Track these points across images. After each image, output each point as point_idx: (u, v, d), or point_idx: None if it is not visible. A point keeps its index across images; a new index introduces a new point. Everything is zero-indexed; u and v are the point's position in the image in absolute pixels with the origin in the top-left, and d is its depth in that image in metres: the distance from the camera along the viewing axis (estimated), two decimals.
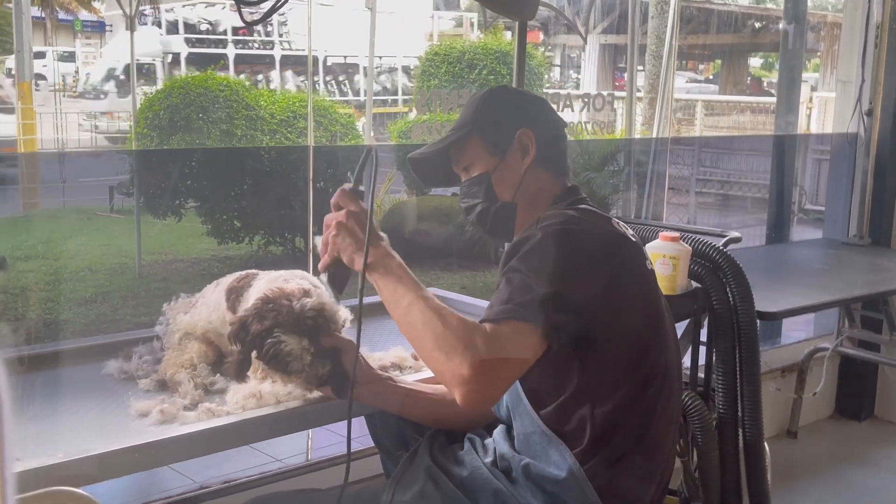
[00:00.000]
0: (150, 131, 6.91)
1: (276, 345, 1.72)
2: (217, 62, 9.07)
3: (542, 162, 1.85)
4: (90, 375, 1.97)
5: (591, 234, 1.70)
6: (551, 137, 1.90)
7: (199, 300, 2.06)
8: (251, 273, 2.00)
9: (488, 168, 1.85)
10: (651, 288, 1.78)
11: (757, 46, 20.69)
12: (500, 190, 1.85)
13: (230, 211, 7.22)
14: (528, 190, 1.84)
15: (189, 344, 1.96)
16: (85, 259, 7.38)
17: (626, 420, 1.70)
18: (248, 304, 1.90)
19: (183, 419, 1.72)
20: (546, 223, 1.67)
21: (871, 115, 4.13)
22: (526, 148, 1.84)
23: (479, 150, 1.87)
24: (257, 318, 1.75)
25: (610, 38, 14.87)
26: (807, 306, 3.10)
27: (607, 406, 1.67)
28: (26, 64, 8.01)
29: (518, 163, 1.84)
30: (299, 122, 7.19)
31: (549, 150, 1.87)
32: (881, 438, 4.17)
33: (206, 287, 2.06)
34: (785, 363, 4.08)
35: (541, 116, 1.92)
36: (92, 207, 8.81)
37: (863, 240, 4.15)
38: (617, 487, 1.68)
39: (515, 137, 1.84)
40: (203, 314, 2.00)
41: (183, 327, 1.99)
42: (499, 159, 1.85)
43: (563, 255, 1.63)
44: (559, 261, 1.62)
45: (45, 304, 6.33)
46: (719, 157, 12.03)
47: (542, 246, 1.63)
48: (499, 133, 1.86)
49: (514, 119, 1.87)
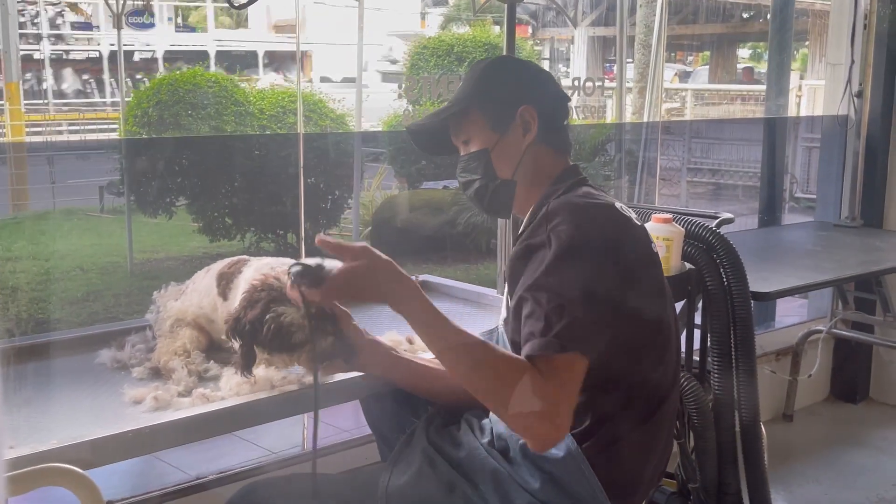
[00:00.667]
0: (140, 129, 6.88)
1: (275, 319, 1.69)
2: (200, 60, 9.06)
3: (544, 139, 1.82)
4: (83, 365, 1.96)
5: (603, 233, 1.65)
6: (554, 114, 1.86)
7: (189, 287, 2.05)
8: (242, 259, 1.99)
9: (488, 144, 1.82)
10: (659, 271, 1.77)
11: (746, 36, 20.72)
12: (500, 167, 1.82)
13: (221, 208, 7.19)
14: (529, 167, 1.81)
15: (181, 330, 1.95)
16: (76, 259, 7.34)
17: (628, 403, 1.70)
18: (239, 291, 1.89)
19: (177, 406, 1.71)
20: (555, 224, 1.62)
21: (861, 97, 4.13)
22: (528, 125, 1.80)
23: (478, 125, 1.83)
24: (249, 306, 1.74)
25: (598, 30, 14.86)
26: (800, 286, 3.10)
27: (612, 391, 1.67)
28: (14, 64, 7.96)
29: (519, 140, 1.81)
30: (289, 118, 7.16)
31: (551, 127, 1.83)
32: (877, 420, 4.18)
33: (197, 273, 2.05)
34: (779, 346, 4.09)
35: (544, 91, 1.88)
36: (82, 208, 8.77)
37: (855, 221, 4.16)
38: (615, 467, 1.68)
39: (517, 114, 1.80)
40: (194, 300, 1.99)
41: (174, 314, 1.98)
42: (499, 136, 1.81)
43: (585, 266, 1.58)
44: (583, 273, 1.57)
45: (37, 303, 6.30)
46: (710, 147, 12.05)
47: (563, 259, 1.58)
48: (500, 108, 1.81)
49: (517, 94, 1.82)
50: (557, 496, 1.65)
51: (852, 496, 3.44)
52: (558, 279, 1.56)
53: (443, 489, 1.72)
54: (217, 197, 7.19)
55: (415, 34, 10.27)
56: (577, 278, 1.57)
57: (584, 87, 4.72)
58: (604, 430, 1.67)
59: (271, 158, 6.99)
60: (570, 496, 1.65)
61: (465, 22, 12.69)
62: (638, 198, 7.19)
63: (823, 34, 5.80)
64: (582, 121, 5.34)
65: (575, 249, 1.59)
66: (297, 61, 6.81)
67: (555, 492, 1.65)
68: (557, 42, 15.62)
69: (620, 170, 7.51)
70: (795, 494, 3.44)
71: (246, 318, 1.72)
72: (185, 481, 2.53)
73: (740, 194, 11.36)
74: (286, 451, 3.26)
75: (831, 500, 3.42)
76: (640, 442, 1.72)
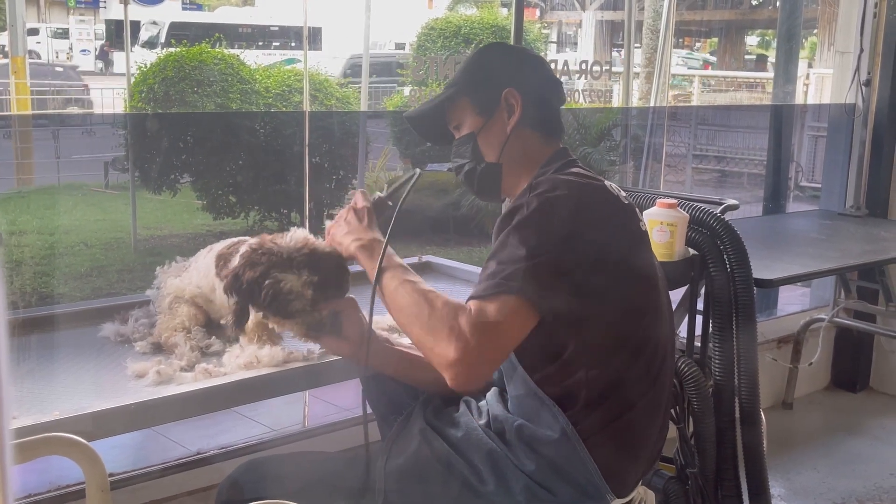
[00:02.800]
0: (145, 105, 6.87)
1: (274, 285, 1.71)
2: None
3: (530, 122, 1.83)
4: (86, 338, 1.97)
5: (582, 199, 1.67)
6: (541, 97, 1.87)
7: (191, 264, 2.05)
8: (242, 240, 1.98)
9: (474, 128, 1.85)
10: (645, 251, 1.77)
11: (754, 23, 20.62)
12: (486, 150, 1.84)
13: (225, 186, 7.20)
14: (515, 150, 1.83)
15: (179, 308, 1.95)
16: (80, 234, 7.36)
17: (620, 384, 1.70)
18: None
19: (180, 380, 1.72)
20: (537, 191, 1.65)
21: (870, 86, 4.11)
22: (512, 108, 1.82)
23: (467, 110, 1.86)
24: (249, 265, 1.75)
25: (607, 14, 14.81)
26: (803, 274, 3.09)
27: (601, 371, 1.67)
28: (19, 38, 7.94)
29: (504, 123, 1.83)
30: (294, 97, 7.15)
31: (537, 111, 1.84)
32: (876, 409, 4.19)
33: (200, 252, 2.05)
34: (781, 334, 4.09)
35: (531, 75, 1.89)
36: (87, 183, 8.78)
37: (859, 210, 4.14)
38: (610, 448, 1.68)
39: (502, 97, 1.82)
40: (193, 279, 1.99)
41: (172, 291, 1.99)
42: (485, 119, 1.84)
43: (554, 222, 1.61)
44: (549, 229, 1.60)
45: (41, 278, 6.31)
46: (716, 134, 12.01)
47: (532, 216, 1.61)
48: (486, 92, 1.84)
49: (502, 78, 1.84)
50: (553, 478, 1.67)
51: (850, 484, 3.45)
52: (523, 235, 1.59)
53: (440, 468, 1.73)
54: (221, 175, 7.19)
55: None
56: (542, 234, 1.59)
57: (591, 70, 4.71)
58: (598, 411, 1.67)
59: (276, 137, 6.99)
60: (566, 478, 1.66)
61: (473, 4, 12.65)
62: (643, 183, 7.18)
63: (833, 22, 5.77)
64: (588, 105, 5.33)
65: (547, 207, 1.62)
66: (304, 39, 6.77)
67: (550, 473, 1.66)
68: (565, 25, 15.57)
69: (626, 155, 7.50)
70: (794, 482, 3.45)
71: (244, 278, 1.73)
72: (186, 456, 2.55)
73: (745, 182, 11.33)
74: (287, 428, 3.28)
75: (829, 487, 3.43)
76: (634, 423, 1.73)
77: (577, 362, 1.65)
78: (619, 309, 1.68)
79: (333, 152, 7.17)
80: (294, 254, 1.74)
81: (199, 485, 2.44)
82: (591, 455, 1.65)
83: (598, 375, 1.67)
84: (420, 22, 9.48)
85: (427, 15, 11.32)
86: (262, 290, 1.71)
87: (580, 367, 1.65)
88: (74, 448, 1.43)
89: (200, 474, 2.46)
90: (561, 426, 1.65)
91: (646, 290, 1.75)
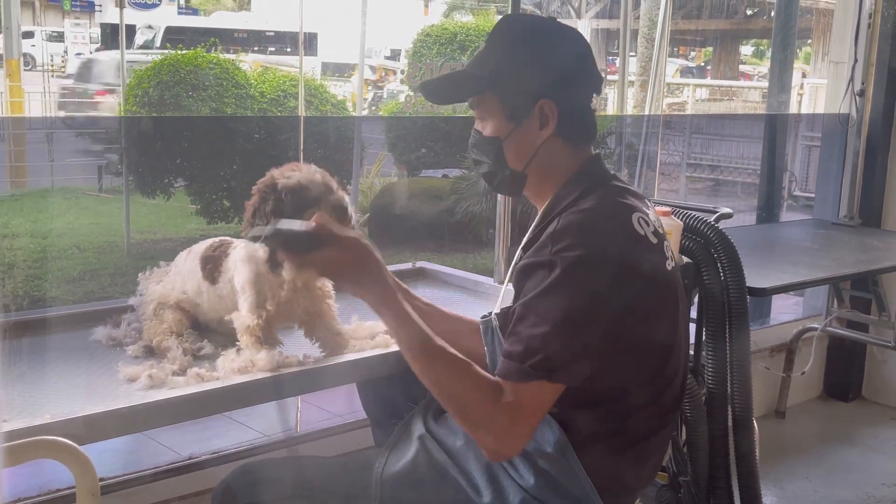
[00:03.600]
0: (140, 108, 6.86)
1: (286, 186, 1.74)
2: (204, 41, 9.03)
3: (562, 134, 1.69)
4: (78, 342, 1.96)
5: (608, 257, 1.55)
6: (579, 107, 1.72)
7: (172, 269, 2.04)
8: (226, 241, 1.97)
9: (501, 133, 1.70)
10: (672, 294, 1.68)
11: (749, 33, 20.70)
12: (511, 158, 1.71)
13: (220, 190, 7.19)
14: (543, 162, 1.70)
15: (164, 313, 1.94)
16: (73, 237, 7.34)
17: (627, 414, 1.66)
18: (228, 274, 1.89)
19: (172, 384, 1.71)
20: (559, 246, 1.54)
21: (864, 96, 4.12)
22: (546, 119, 1.68)
23: (493, 109, 1.71)
24: (260, 198, 1.77)
25: (602, 22, 14.86)
26: (797, 283, 3.10)
27: (614, 408, 1.64)
28: (14, 41, 7.93)
29: (535, 133, 1.69)
30: (289, 101, 7.15)
31: (572, 123, 1.70)
32: (869, 419, 4.19)
33: (179, 255, 2.03)
34: (774, 343, 4.09)
35: (572, 79, 1.71)
36: (81, 187, 8.77)
37: (853, 220, 4.15)
38: (608, 468, 1.66)
39: (536, 107, 1.67)
40: (177, 283, 1.98)
41: (156, 297, 1.97)
42: (514, 126, 1.69)
43: (578, 290, 1.53)
44: (575, 298, 1.52)
45: (33, 281, 6.30)
46: (710, 143, 12.05)
47: (558, 283, 1.52)
48: (519, 98, 1.68)
49: (539, 84, 1.68)
50: (551, 494, 1.65)
51: (842, 494, 3.45)
52: (550, 305, 1.52)
53: (437, 477, 1.71)
54: (216, 179, 7.19)
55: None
56: (570, 307, 1.52)
57: None
58: (601, 441, 1.65)
59: (271, 142, 6.98)
60: (565, 495, 1.65)
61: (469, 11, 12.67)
62: None
63: (827, 32, 5.79)
64: None
65: (575, 278, 1.53)
66: (301, 44, 6.79)
67: (549, 490, 1.65)
68: None
69: (620, 163, 7.51)
70: (786, 490, 3.45)
71: (266, 212, 1.73)
72: (178, 461, 2.53)
73: (739, 191, 11.36)
74: (279, 433, 3.27)
75: (821, 497, 3.43)
76: (635, 449, 1.70)
77: (588, 402, 1.62)
78: (641, 360, 1.63)
79: (328, 158, 7.16)
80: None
81: (191, 490, 2.43)
82: (592, 478, 1.63)
83: (606, 414, 1.64)
84: (416, 28, 9.49)
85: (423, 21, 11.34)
86: (283, 194, 1.73)
87: (590, 406, 1.62)
88: (65, 452, 1.43)
89: (192, 479, 2.45)
90: (559, 443, 1.62)
91: (671, 335, 1.68)
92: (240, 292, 1.87)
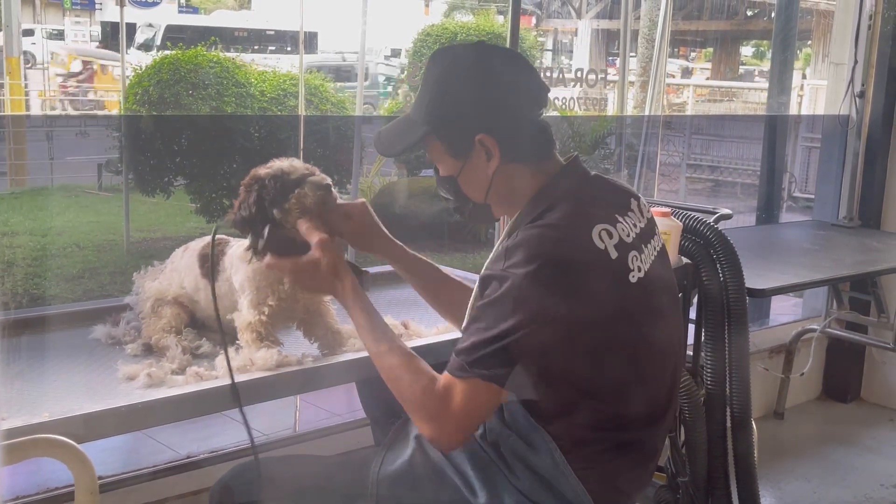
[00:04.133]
0: (140, 107, 6.86)
1: (271, 175, 1.82)
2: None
3: (513, 159, 1.69)
4: (77, 340, 1.96)
5: (557, 271, 1.56)
6: (523, 128, 1.70)
7: (167, 266, 2.03)
8: (223, 240, 1.98)
9: (453, 171, 1.72)
10: (634, 304, 1.65)
11: (749, 34, 20.71)
12: (470, 191, 1.73)
13: (219, 189, 7.18)
14: (500, 190, 1.71)
15: (162, 309, 1.94)
16: (72, 236, 7.34)
17: (615, 426, 1.66)
18: (226, 273, 1.89)
19: (171, 383, 1.71)
20: (512, 261, 1.56)
21: (864, 97, 4.12)
22: (489, 152, 1.67)
23: (439, 152, 1.73)
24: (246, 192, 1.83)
25: (602, 23, 14.86)
26: (796, 284, 3.10)
27: (595, 414, 1.64)
28: (14, 39, 7.93)
29: (483, 166, 1.69)
30: (290, 101, 7.14)
31: (519, 146, 1.69)
32: (867, 420, 4.19)
33: (175, 252, 2.03)
34: (773, 344, 4.09)
35: (505, 107, 1.69)
36: (80, 185, 8.77)
37: (852, 221, 4.15)
38: (599, 473, 1.66)
39: (475, 142, 1.67)
40: (174, 280, 1.98)
41: (153, 294, 1.97)
42: (462, 163, 1.70)
43: (525, 302, 1.54)
44: (520, 309, 1.54)
45: (32, 279, 6.30)
46: (710, 144, 12.06)
47: (505, 294, 1.55)
48: (457, 136, 1.69)
49: (472, 120, 1.67)
50: (546, 496, 1.65)
51: (841, 494, 3.45)
52: (498, 314, 1.55)
53: (433, 478, 1.72)
54: (215, 178, 7.18)
55: None
56: (515, 318, 1.54)
57: (586, 79, 4.72)
58: (589, 446, 1.65)
59: (271, 141, 6.98)
60: (560, 498, 1.65)
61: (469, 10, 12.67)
62: None
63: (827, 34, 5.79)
64: (583, 112, 5.34)
65: (522, 293, 1.54)
66: (301, 43, 6.79)
67: (544, 492, 1.65)
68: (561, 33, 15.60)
69: (620, 163, 7.51)
70: (784, 491, 3.45)
71: (250, 199, 1.80)
72: (176, 460, 2.53)
73: (739, 192, 11.37)
74: (278, 433, 3.27)
75: (819, 497, 3.43)
76: (628, 455, 1.70)
77: (570, 406, 1.63)
78: (605, 365, 1.62)
79: (328, 157, 7.16)
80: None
81: (189, 488, 2.43)
82: (584, 483, 1.63)
83: (594, 417, 1.64)
84: (416, 28, 9.49)
85: (423, 21, 11.34)
86: (269, 182, 1.80)
87: (575, 410, 1.63)
88: (64, 450, 1.43)
89: (190, 478, 2.45)
90: (551, 454, 1.63)
91: (637, 342, 1.67)
92: (239, 291, 1.87)
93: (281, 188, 1.79)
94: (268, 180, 1.80)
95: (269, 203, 1.79)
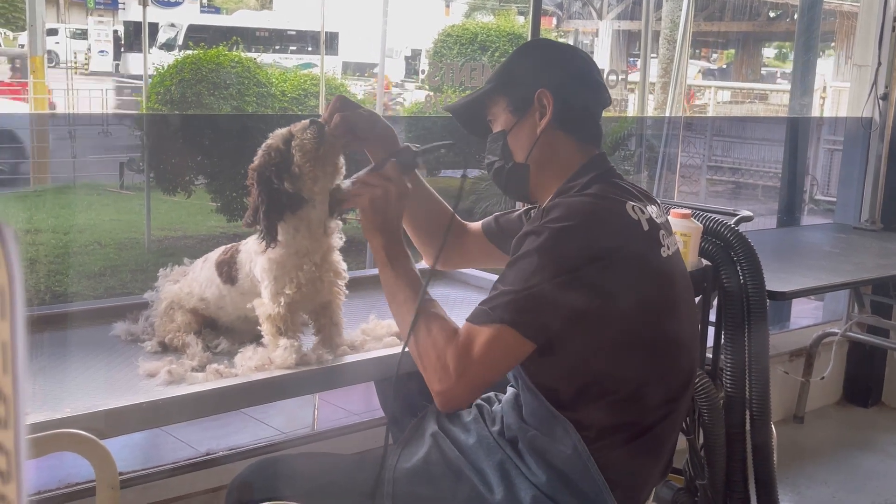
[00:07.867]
0: (162, 106, 6.91)
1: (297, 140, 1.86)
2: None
3: (563, 125, 1.78)
4: (98, 337, 1.97)
5: (592, 231, 1.62)
6: (577, 100, 1.82)
7: (189, 273, 2.03)
8: (234, 247, 1.97)
9: (506, 126, 1.82)
10: (665, 279, 1.71)
11: (772, 35, 20.57)
12: (515, 149, 1.81)
13: (240, 188, 7.21)
14: (544, 153, 1.79)
15: (175, 313, 1.94)
16: (94, 233, 7.40)
17: (637, 409, 1.68)
18: (243, 271, 1.90)
19: (191, 380, 1.72)
20: (549, 218, 1.63)
21: (887, 100, 4.09)
22: (544, 109, 1.78)
23: (501, 107, 1.84)
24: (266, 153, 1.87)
25: (623, 24, 14.82)
26: (817, 287, 3.08)
27: (615, 396, 1.65)
28: (39, 38, 8.00)
29: (535, 124, 1.79)
30: (310, 101, 7.17)
31: (571, 114, 1.79)
32: (888, 425, 4.16)
33: (196, 262, 2.02)
34: (793, 347, 4.07)
35: (570, 76, 1.84)
36: (102, 183, 8.83)
37: (875, 225, 4.12)
38: (622, 466, 1.67)
39: (534, 97, 1.78)
40: (194, 290, 1.96)
41: (169, 297, 1.96)
42: (517, 118, 1.81)
43: (558, 256, 1.59)
44: (552, 262, 1.58)
45: (54, 276, 6.35)
46: (731, 146, 11.99)
47: (539, 247, 1.59)
48: (520, 91, 1.81)
49: (538, 78, 1.80)
50: (563, 491, 1.65)
51: (860, 500, 3.43)
52: (527, 265, 1.59)
53: (449, 474, 1.72)
54: (236, 177, 7.20)
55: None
56: (546, 268, 1.58)
57: (607, 80, 4.71)
58: (612, 433, 1.66)
59: None
60: (575, 492, 1.65)
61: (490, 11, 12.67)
62: (657, 193, 7.17)
63: (851, 35, 5.75)
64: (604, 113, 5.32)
65: (555, 239, 1.60)
66: (322, 44, 6.81)
67: (561, 487, 1.65)
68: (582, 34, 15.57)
69: (640, 164, 7.49)
70: (804, 496, 3.43)
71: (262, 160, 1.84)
72: (195, 457, 2.55)
73: (760, 194, 11.30)
74: (296, 430, 3.29)
75: (839, 502, 3.41)
76: (648, 443, 1.71)
77: (592, 390, 1.64)
78: (632, 339, 1.65)
79: (347, 156, 7.17)
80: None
81: (209, 485, 2.45)
82: (603, 472, 1.64)
83: (614, 399, 1.65)
84: (437, 28, 9.49)
85: (444, 22, 11.34)
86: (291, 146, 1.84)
87: (593, 394, 1.64)
88: (85, 445, 1.44)
89: (209, 475, 2.46)
90: (573, 443, 1.63)
91: (665, 317, 1.71)
92: (259, 281, 1.86)
93: (278, 158, 1.84)
94: (262, 160, 1.84)
95: (279, 180, 1.81)
